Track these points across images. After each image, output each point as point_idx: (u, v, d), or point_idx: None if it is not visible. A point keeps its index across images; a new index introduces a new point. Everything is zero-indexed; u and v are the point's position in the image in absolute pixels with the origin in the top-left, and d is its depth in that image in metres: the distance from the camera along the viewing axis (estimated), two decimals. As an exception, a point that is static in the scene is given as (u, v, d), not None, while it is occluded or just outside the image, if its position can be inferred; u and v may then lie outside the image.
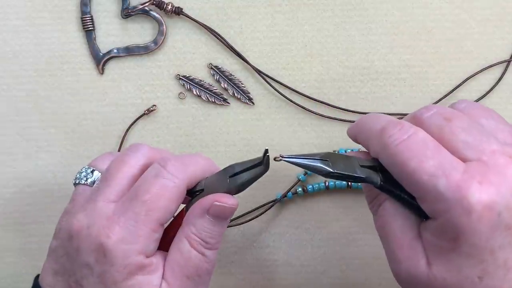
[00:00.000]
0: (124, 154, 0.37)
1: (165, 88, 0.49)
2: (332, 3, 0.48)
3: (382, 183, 0.33)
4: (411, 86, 0.48)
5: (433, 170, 0.30)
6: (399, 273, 0.33)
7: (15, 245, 0.49)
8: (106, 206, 0.34)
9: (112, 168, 0.36)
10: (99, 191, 0.35)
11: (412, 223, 0.33)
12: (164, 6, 0.47)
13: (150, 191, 0.33)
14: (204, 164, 0.37)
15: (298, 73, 0.48)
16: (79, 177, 0.38)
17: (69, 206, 0.37)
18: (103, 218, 0.33)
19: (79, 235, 0.33)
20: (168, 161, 0.35)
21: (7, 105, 0.49)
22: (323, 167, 0.33)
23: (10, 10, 0.48)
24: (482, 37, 0.48)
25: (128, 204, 0.34)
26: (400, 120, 0.33)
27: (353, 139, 0.37)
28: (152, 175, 0.34)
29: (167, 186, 0.34)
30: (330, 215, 0.49)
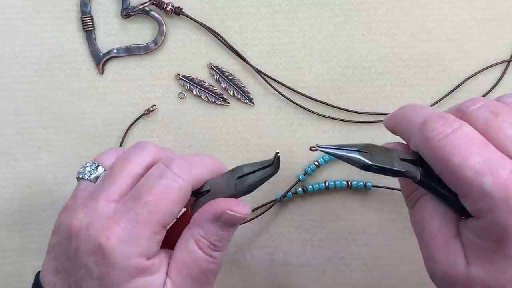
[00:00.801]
0: (129, 151, 0.35)
1: (165, 88, 0.49)
2: (332, 3, 0.48)
3: (422, 178, 0.32)
4: (411, 86, 0.48)
5: (479, 167, 0.28)
6: (435, 273, 0.32)
7: (15, 245, 0.49)
8: (107, 205, 0.33)
9: (116, 166, 0.35)
10: (101, 189, 0.34)
11: (451, 220, 0.31)
12: (164, 6, 0.47)
13: (153, 192, 0.32)
14: (211, 164, 0.36)
15: (298, 73, 0.48)
16: (82, 171, 0.36)
17: (70, 201, 0.35)
18: (103, 218, 0.32)
19: (78, 235, 0.32)
20: (173, 161, 0.33)
21: (7, 105, 0.49)
22: (361, 159, 0.31)
23: (10, 10, 0.48)
24: (482, 37, 0.48)
25: (130, 205, 0.32)
26: (443, 112, 0.32)
27: (391, 130, 0.35)
28: (156, 175, 0.33)
29: (171, 187, 0.33)
30: (330, 215, 0.49)
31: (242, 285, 0.49)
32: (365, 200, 0.49)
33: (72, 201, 0.35)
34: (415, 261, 0.49)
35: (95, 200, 0.33)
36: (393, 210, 0.49)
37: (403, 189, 0.35)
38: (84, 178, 0.36)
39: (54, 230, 0.35)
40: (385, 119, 0.35)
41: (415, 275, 0.49)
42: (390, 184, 0.48)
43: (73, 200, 0.35)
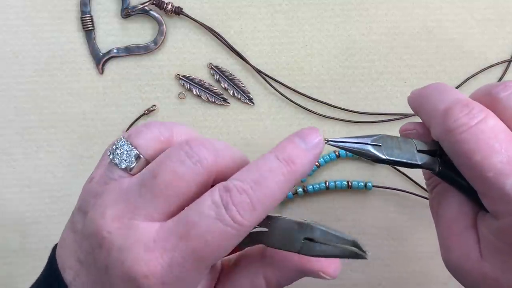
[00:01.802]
0: (179, 158, 0.28)
1: (165, 88, 0.49)
2: (332, 2, 0.48)
3: (440, 169, 0.30)
4: (411, 86, 0.48)
5: (501, 166, 0.27)
6: (449, 262, 0.31)
7: (15, 245, 0.49)
8: (146, 227, 0.27)
9: (161, 176, 0.28)
10: (140, 200, 0.28)
11: (469, 210, 0.30)
12: (164, 6, 0.47)
13: (207, 240, 0.26)
14: (282, 193, 0.28)
15: (298, 73, 0.48)
16: (116, 155, 0.30)
17: (98, 186, 0.30)
18: (141, 245, 0.27)
19: (110, 254, 0.28)
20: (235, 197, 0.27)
21: (7, 105, 0.48)
22: (373, 153, 0.30)
23: (10, 10, 0.48)
24: (483, 37, 0.48)
25: (175, 242, 0.27)
26: (469, 100, 0.29)
27: (413, 110, 0.33)
28: (212, 217, 0.26)
29: (230, 237, 0.27)
30: (330, 215, 0.49)
31: (242, 285, 0.49)
32: (365, 200, 0.49)
33: (101, 187, 0.30)
34: (415, 261, 0.49)
35: (131, 214, 0.28)
36: (393, 210, 0.49)
37: (424, 172, 0.34)
38: (121, 166, 0.30)
39: (81, 210, 0.30)
40: (409, 97, 0.33)
41: (415, 275, 0.49)
42: (391, 184, 0.48)
43: (102, 187, 0.29)
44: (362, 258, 0.29)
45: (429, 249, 0.48)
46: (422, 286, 0.49)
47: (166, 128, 0.31)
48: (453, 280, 0.32)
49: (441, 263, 0.32)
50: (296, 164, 0.28)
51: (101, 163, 0.31)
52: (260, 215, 0.27)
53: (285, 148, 0.28)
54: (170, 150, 0.29)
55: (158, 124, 0.31)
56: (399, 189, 0.48)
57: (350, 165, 0.49)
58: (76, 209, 0.31)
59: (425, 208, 0.49)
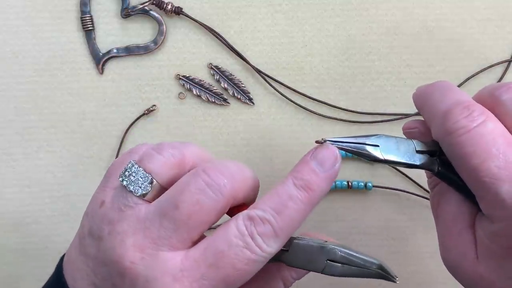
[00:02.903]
0: (199, 188, 0.28)
1: (165, 88, 0.49)
2: (333, 2, 0.48)
3: (439, 170, 0.30)
4: (411, 86, 0.48)
5: (497, 172, 0.26)
6: (447, 260, 0.31)
7: (15, 245, 0.49)
8: (172, 257, 0.28)
9: (183, 206, 0.28)
10: (163, 231, 0.28)
11: (467, 211, 0.30)
12: (164, 6, 0.47)
13: (236, 268, 0.27)
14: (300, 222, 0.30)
15: (298, 73, 0.48)
16: (133, 182, 0.29)
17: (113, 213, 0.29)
18: (167, 275, 0.27)
19: (134, 283, 0.28)
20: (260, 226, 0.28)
21: (7, 105, 0.48)
22: (371, 153, 0.30)
23: (10, 10, 0.48)
24: (483, 37, 0.48)
25: (204, 270, 0.27)
26: (470, 101, 0.29)
27: (416, 108, 0.33)
28: (240, 246, 0.28)
29: (256, 263, 0.28)
30: (330, 215, 0.49)
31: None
32: (365, 200, 0.49)
33: (116, 215, 0.29)
34: (415, 261, 0.49)
35: (155, 245, 0.28)
36: (393, 210, 0.49)
37: None
38: (136, 193, 0.29)
39: (92, 235, 0.30)
40: (414, 94, 0.33)
41: (415, 275, 0.49)
42: (391, 184, 0.48)
43: (117, 215, 0.29)
44: (390, 280, 0.30)
45: (429, 249, 0.48)
46: (422, 286, 0.49)
47: (177, 151, 0.31)
48: (453, 280, 0.32)
49: (441, 263, 0.32)
50: (315, 190, 0.29)
51: (108, 185, 0.31)
52: (283, 241, 0.29)
53: (302, 174, 0.29)
54: (188, 178, 0.29)
55: (169, 147, 0.31)
56: (399, 189, 0.48)
57: (350, 165, 0.49)
58: (85, 232, 0.30)
59: (425, 208, 0.49)
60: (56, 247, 0.49)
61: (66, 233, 0.49)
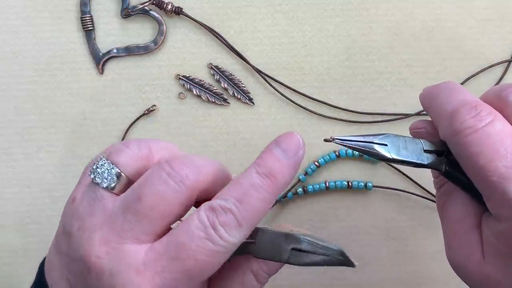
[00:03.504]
0: (161, 178, 0.28)
1: (165, 88, 0.49)
2: (333, 2, 0.48)
3: (447, 169, 0.30)
4: (411, 86, 0.48)
5: (504, 171, 0.27)
6: (453, 261, 0.31)
7: (15, 245, 0.49)
8: (135, 250, 0.27)
9: (145, 198, 0.28)
10: (126, 224, 0.28)
11: (474, 210, 0.30)
12: (164, 6, 0.47)
13: (197, 259, 0.27)
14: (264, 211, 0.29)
15: (298, 73, 0.48)
16: (98, 174, 0.29)
17: (83, 208, 0.29)
18: (131, 268, 0.27)
19: (100, 278, 0.28)
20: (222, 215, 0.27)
21: (7, 105, 0.48)
22: (379, 152, 0.30)
23: (10, 10, 0.48)
24: (483, 37, 0.48)
25: (166, 263, 0.27)
26: (478, 101, 0.29)
27: (424, 109, 0.33)
28: (201, 236, 0.27)
29: (218, 255, 0.27)
30: (330, 216, 0.49)
31: (242, 285, 0.49)
32: (365, 200, 0.49)
33: (85, 210, 0.29)
34: (415, 261, 0.49)
35: (119, 238, 0.28)
36: (393, 210, 0.49)
37: (432, 169, 0.33)
38: (103, 186, 0.29)
39: (65, 233, 0.30)
40: (421, 94, 0.33)
41: (415, 275, 0.49)
42: (391, 184, 0.48)
43: (87, 211, 0.29)
44: (350, 266, 0.29)
45: (429, 249, 0.48)
46: (422, 286, 0.49)
47: (144, 145, 0.31)
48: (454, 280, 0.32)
49: (441, 263, 0.32)
50: (278, 178, 0.29)
51: (82, 182, 0.31)
52: (247, 231, 0.28)
53: (265, 161, 0.29)
54: (151, 171, 0.29)
55: (136, 141, 0.31)
56: (399, 189, 0.48)
57: (350, 165, 0.49)
58: (59, 230, 0.31)
59: (425, 208, 0.49)
60: (56, 247, 0.49)
61: (66, 233, 0.49)
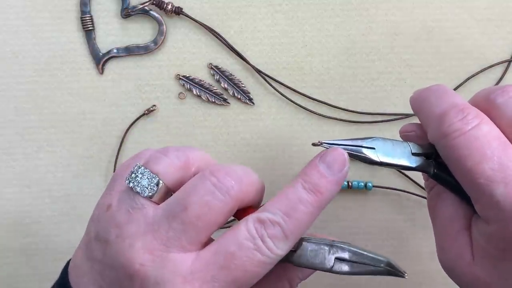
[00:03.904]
0: (207, 190, 0.29)
1: (165, 88, 0.49)
2: (333, 2, 0.48)
3: (435, 172, 0.31)
4: (411, 86, 0.48)
5: (491, 173, 0.27)
6: (443, 261, 0.31)
7: (15, 245, 0.49)
8: (181, 259, 0.28)
9: (191, 208, 0.28)
10: (172, 232, 0.28)
11: (463, 212, 0.30)
12: (164, 6, 0.47)
13: (246, 270, 0.28)
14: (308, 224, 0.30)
15: (298, 73, 0.48)
16: (137, 182, 0.29)
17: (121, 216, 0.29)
18: (178, 276, 0.27)
19: (145, 285, 0.28)
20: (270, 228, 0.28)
21: (7, 105, 0.48)
22: (367, 156, 0.31)
23: (10, 10, 0.48)
24: (483, 37, 0.48)
25: (215, 273, 0.28)
26: (465, 104, 0.29)
27: (413, 111, 0.33)
28: (251, 249, 0.28)
29: (265, 265, 0.28)
30: (330, 216, 0.49)
31: (242, 285, 0.49)
32: (365, 200, 0.49)
33: (124, 218, 0.29)
34: (415, 261, 0.49)
35: (164, 247, 0.28)
36: (393, 210, 0.49)
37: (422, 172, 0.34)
38: (142, 194, 0.29)
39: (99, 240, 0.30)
40: (411, 97, 0.34)
41: (415, 275, 0.49)
42: (390, 184, 0.48)
43: (125, 219, 0.29)
44: (399, 276, 0.30)
45: (429, 249, 0.48)
46: (422, 286, 0.49)
47: (182, 154, 0.31)
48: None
49: (441, 263, 0.32)
50: (324, 194, 0.30)
51: (114, 188, 0.31)
52: (292, 242, 0.29)
53: (311, 177, 0.30)
54: (196, 180, 0.29)
55: (175, 150, 0.31)
56: (399, 189, 0.48)
57: (350, 165, 0.48)
58: (92, 237, 0.30)
59: (425, 208, 0.48)
60: (56, 247, 0.49)
61: (66, 233, 0.49)
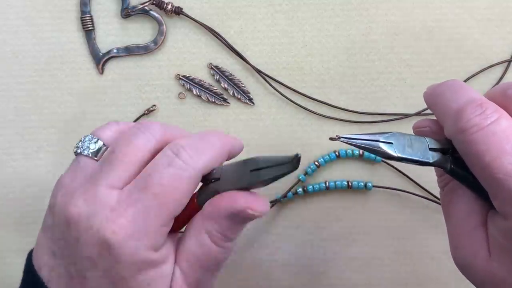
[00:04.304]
0: (132, 133, 0.32)
1: (165, 88, 0.49)
2: (333, 2, 0.48)
3: (452, 168, 0.31)
4: (411, 86, 0.48)
5: (510, 168, 0.27)
6: (458, 260, 0.31)
7: (15, 245, 0.49)
8: (109, 193, 0.30)
9: (118, 148, 0.32)
10: (102, 173, 0.31)
11: (479, 209, 0.30)
12: (164, 6, 0.47)
13: (162, 183, 0.30)
14: (220, 148, 0.33)
15: (298, 73, 0.48)
16: (81, 146, 0.33)
17: (67, 178, 0.33)
18: (106, 208, 0.30)
19: (78, 225, 0.30)
20: (182, 149, 0.31)
21: (7, 105, 0.48)
22: (386, 151, 0.30)
23: (10, 10, 0.48)
24: (483, 37, 0.48)
25: (136, 195, 0.30)
26: (483, 99, 0.29)
27: (428, 106, 0.33)
28: (164, 164, 0.30)
29: (182, 178, 0.30)
30: (330, 216, 0.49)
31: (242, 285, 0.49)
32: (365, 200, 0.49)
33: (69, 179, 0.33)
34: (415, 261, 0.49)
35: (95, 186, 0.31)
36: (393, 210, 0.49)
37: (435, 168, 0.34)
38: (83, 153, 0.33)
39: (50, 208, 0.33)
40: (425, 93, 0.34)
41: (415, 275, 0.49)
42: (391, 184, 0.48)
43: (70, 178, 0.32)
44: (295, 160, 0.30)
45: (429, 249, 0.48)
46: (422, 286, 0.49)
47: (123, 123, 0.36)
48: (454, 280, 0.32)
49: (441, 263, 0.32)
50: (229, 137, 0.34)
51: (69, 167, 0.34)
52: (206, 160, 0.31)
53: None
54: (126, 131, 0.33)
55: (116, 122, 0.36)
56: (399, 189, 0.48)
57: (350, 165, 0.49)
58: (46, 209, 0.34)
59: (425, 208, 0.49)
60: (56, 247, 0.49)
61: (66, 233, 0.49)
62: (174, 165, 0.30)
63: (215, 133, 0.33)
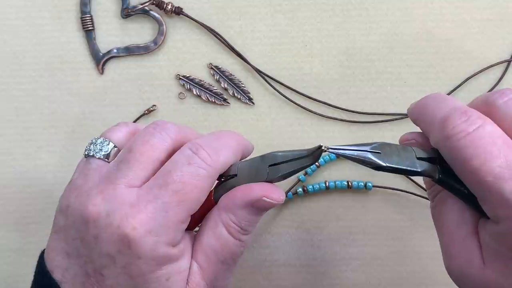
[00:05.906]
0: (148, 133, 0.33)
1: (165, 88, 0.49)
2: (332, 3, 0.48)
3: (440, 177, 0.31)
4: (411, 86, 0.48)
5: (499, 171, 0.27)
6: (451, 269, 0.31)
7: (15, 245, 0.49)
8: (129, 191, 0.31)
9: (135, 148, 0.32)
10: (119, 172, 0.32)
11: (470, 217, 0.30)
12: (164, 6, 0.47)
13: (183, 181, 0.31)
14: (237, 147, 0.34)
15: (298, 73, 0.48)
16: (93, 149, 0.34)
17: (80, 180, 0.33)
18: (125, 205, 0.30)
19: (98, 223, 0.30)
20: (201, 148, 0.32)
21: (7, 105, 0.48)
22: (373, 160, 0.30)
23: (10, 10, 0.48)
24: (483, 37, 0.48)
25: (156, 192, 0.31)
26: (467, 107, 0.30)
27: (412, 121, 0.34)
28: (184, 163, 0.31)
29: (201, 176, 0.31)
30: (330, 215, 0.49)
31: (242, 285, 0.49)
32: (365, 200, 0.49)
33: (82, 180, 0.33)
34: (415, 261, 0.49)
35: (113, 185, 0.31)
36: (393, 210, 0.49)
37: (424, 180, 0.34)
38: (95, 156, 0.34)
39: (62, 210, 0.33)
40: (409, 109, 0.34)
41: (415, 275, 0.49)
42: (390, 184, 0.48)
43: (83, 180, 0.33)
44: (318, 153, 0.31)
45: (429, 249, 0.48)
46: (422, 286, 0.49)
47: (132, 125, 0.36)
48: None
49: (441, 263, 0.32)
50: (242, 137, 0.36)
51: (77, 168, 0.35)
52: (224, 158, 0.33)
53: None
54: (140, 131, 0.34)
55: (124, 123, 0.36)
56: (399, 189, 0.48)
57: (350, 165, 0.49)
58: (56, 212, 0.34)
59: (425, 208, 0.49)
60: (56, 247, 0.49)
61: (66, 233, 0.49)
62: (193, 163, 0.31)
63: (230, 133, 0.35)
